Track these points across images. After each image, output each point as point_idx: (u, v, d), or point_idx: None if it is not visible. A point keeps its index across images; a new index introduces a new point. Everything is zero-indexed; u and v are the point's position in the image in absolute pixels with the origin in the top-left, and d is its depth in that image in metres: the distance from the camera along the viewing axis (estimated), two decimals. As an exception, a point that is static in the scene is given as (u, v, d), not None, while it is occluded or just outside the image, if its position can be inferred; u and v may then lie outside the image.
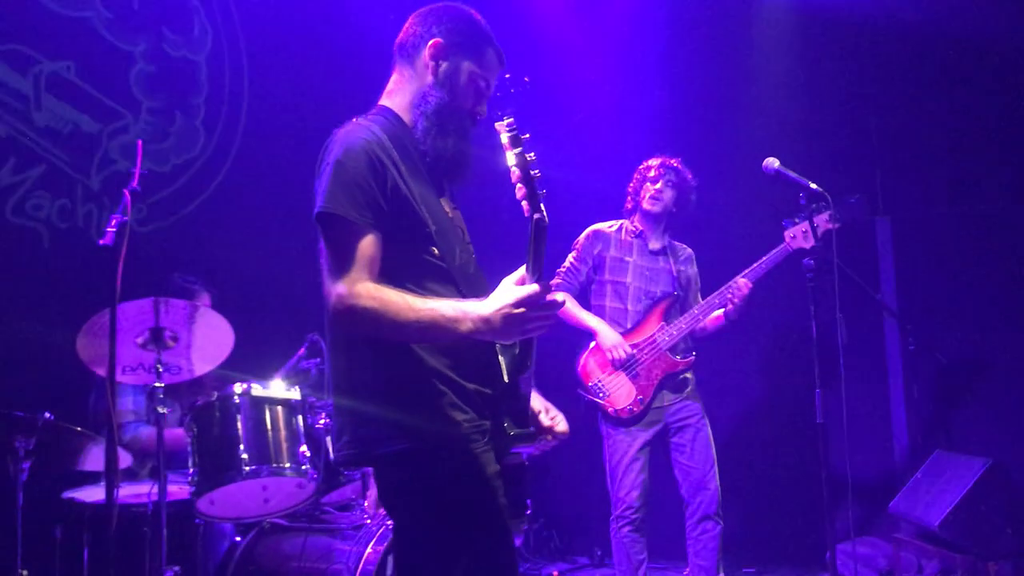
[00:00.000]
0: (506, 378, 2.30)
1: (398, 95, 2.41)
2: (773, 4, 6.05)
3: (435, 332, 2.16)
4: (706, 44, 6.09)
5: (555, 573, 5.84)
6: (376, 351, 2.23)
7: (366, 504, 3.83)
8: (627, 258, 4.40)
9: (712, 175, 5.35)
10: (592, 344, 4.32)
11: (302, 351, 4.14)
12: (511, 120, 2.24)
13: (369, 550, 3.50)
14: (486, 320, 2.13)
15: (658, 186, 4.35)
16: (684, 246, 4.56)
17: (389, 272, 2.20)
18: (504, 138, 2.24)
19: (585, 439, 4.27)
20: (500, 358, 2.31)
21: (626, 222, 4.49)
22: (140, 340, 3.51)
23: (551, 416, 2.49)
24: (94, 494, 3.65)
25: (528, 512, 2.62)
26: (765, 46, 6.11)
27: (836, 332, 3.69)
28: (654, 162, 4.43)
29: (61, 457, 3.73)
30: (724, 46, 6.09)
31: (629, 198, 4.49)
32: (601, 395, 4.25)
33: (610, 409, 4.23)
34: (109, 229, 2.66)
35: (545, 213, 2.21)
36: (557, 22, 6.25)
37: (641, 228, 4.43)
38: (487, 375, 2.30)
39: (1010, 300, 5.40)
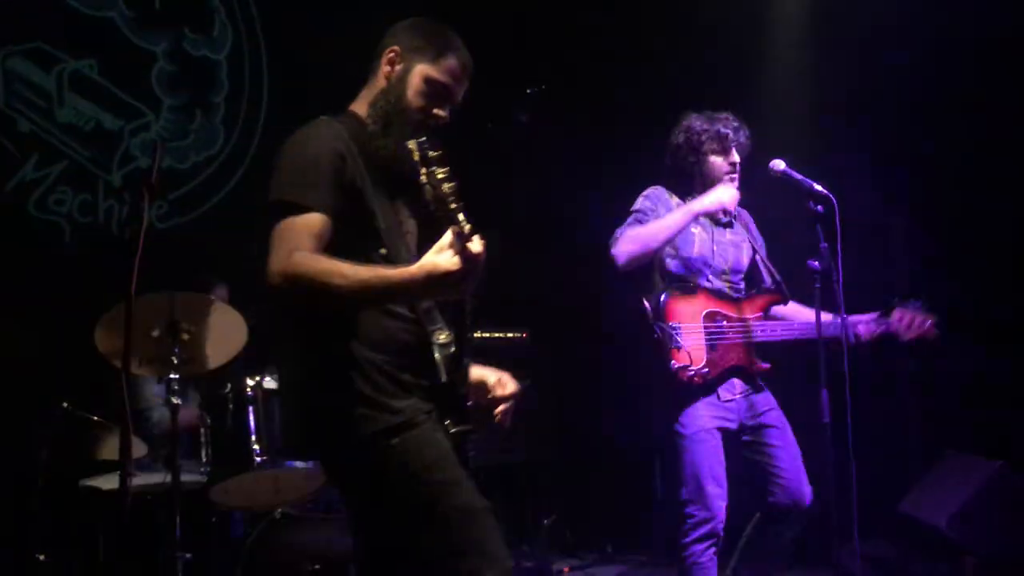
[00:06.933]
0: (443, 377, 2.35)
1: (362, 100, 2.55)
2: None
3: (376, 286, 2.15)
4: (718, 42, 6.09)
5: (566, 569, 5.88)
6: (315, 345, 2.32)
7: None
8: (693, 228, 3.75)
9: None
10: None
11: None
12: (423, 139, 2.13)
13: (377, 541, 3.57)
14: (420, 266, 2.12)
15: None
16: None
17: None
18: (415, 156, 2.12)
19: (591, 433, 4.27)
20: (436, 356, 2.35)
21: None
22: (155, 333, 3.60)
23: (499, 381, 2.53)
24: (111, 482, 3.74)
25: None
26: (778, 41, 6.09)
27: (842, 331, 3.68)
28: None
29: (79, 446, 3.84)
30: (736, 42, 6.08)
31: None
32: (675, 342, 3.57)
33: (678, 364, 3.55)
34: (127, 225, 2.73)
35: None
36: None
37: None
38: (424, 371, 2.36)
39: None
